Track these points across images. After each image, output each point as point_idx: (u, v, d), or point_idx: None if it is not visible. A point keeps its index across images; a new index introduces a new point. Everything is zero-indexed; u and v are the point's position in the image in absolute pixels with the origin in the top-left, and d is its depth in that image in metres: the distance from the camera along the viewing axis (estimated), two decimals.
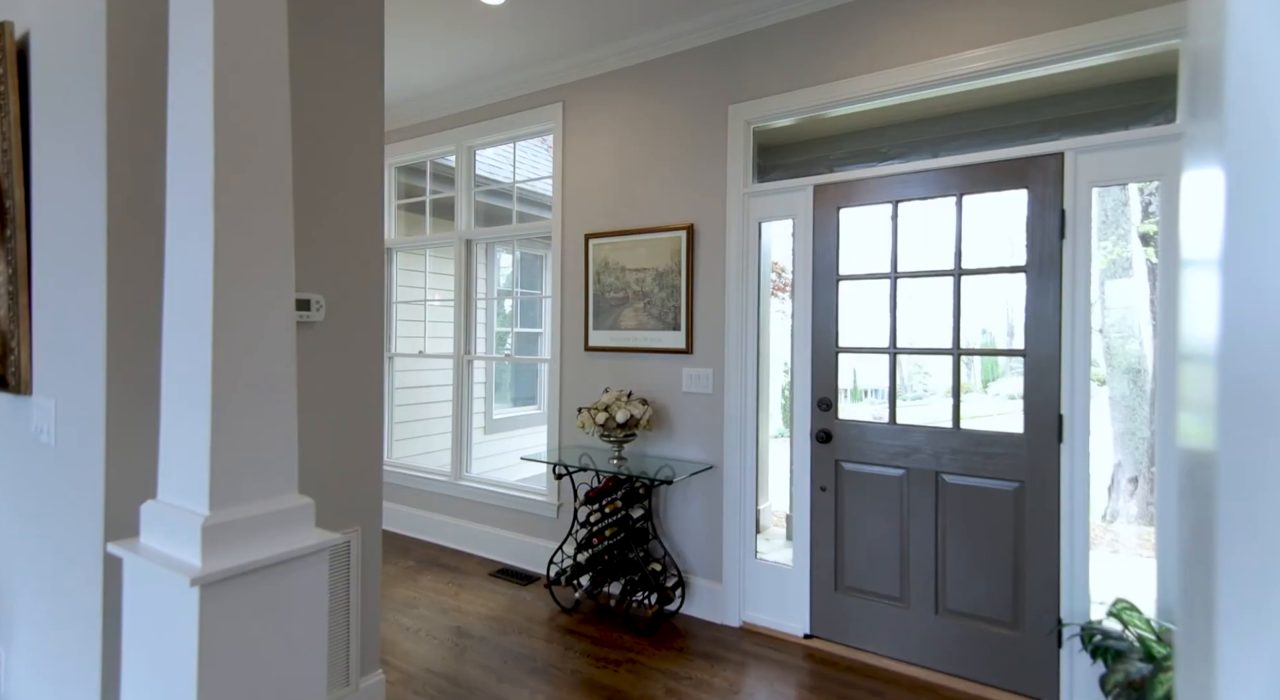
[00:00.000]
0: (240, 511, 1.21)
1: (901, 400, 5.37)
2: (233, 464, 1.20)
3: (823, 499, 2.71)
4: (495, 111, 3.74)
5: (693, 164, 3.03)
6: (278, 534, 1.26)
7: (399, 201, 4.46)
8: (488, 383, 5.93)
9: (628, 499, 2.96)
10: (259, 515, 1.23)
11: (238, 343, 1.21)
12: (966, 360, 2.47)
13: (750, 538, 2.89)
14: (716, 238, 2.96)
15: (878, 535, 2.58)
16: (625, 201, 3.24)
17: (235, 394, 1.20)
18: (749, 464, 2.89)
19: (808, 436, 2.74)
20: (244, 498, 1.22)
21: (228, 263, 1.19)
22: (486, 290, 5.63)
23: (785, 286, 5.70)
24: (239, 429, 1.21)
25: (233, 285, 1.20)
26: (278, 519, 1.26)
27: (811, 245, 2.74)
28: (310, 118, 1.91)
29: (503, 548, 3.69)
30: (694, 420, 3.02)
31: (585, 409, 2.96)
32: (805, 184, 2.75)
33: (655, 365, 3.14)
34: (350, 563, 2.06)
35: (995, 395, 10.30)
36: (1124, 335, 6.18)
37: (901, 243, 2.59)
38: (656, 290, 3.12)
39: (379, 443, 2.15)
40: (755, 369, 2.90)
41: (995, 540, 2.35)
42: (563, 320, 3.47)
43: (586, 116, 3.37)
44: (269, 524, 1.24)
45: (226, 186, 1.20)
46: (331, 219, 1.98)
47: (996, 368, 9.71)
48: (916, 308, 2.77)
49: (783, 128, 2.97)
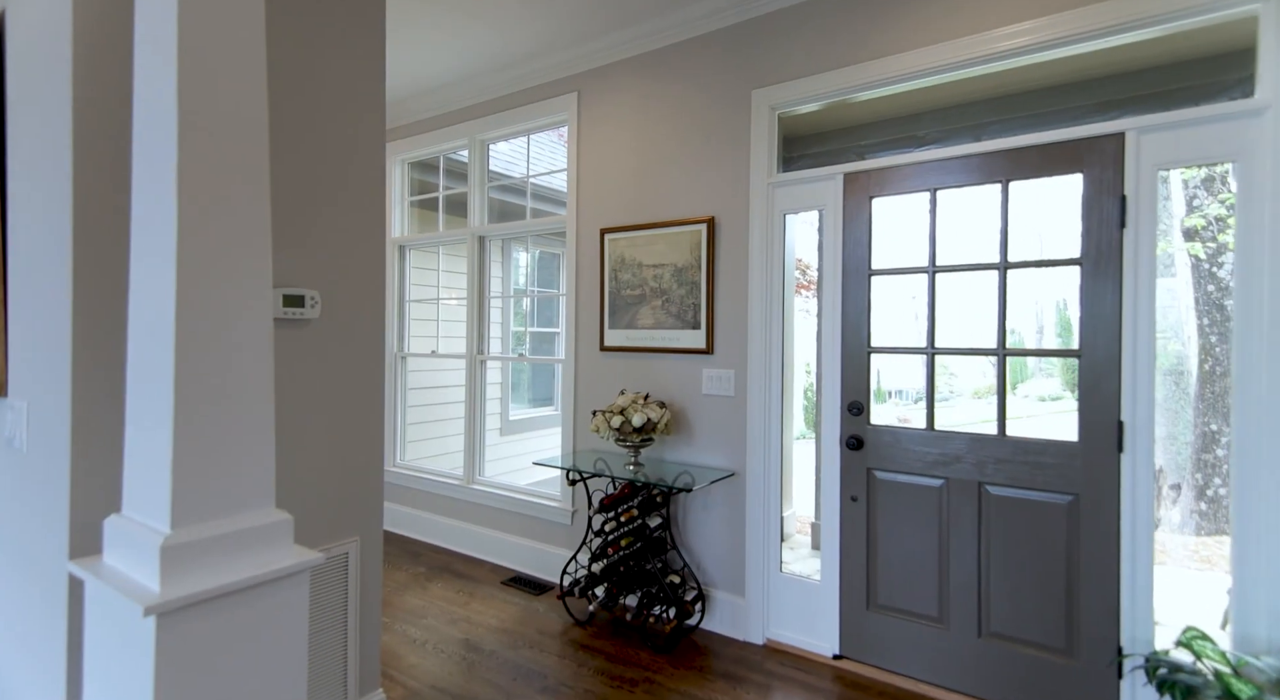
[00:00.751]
0: (207, 529, 1.08)
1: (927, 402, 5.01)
2: (199, 477, 1.07)
3: (853, 510, 2.52)
4: (508, 103, 3.61)
5: (714, 154, 2.87)
6: (250, 554, 1.12)
7: (411, 198, 4.36)
8: (504, 383, 5.83)
9: (644, 507, 2.81)
10: (229, 533, 1.10)
11: (205, 344, 1.08)
12: (994, 361, 2.30)
13: (775, 549, 2.72)
14: (739, 231, 2.80)
15: (914, 550, 2.39)
16: (642, 194, 3.09)
17: (202, 400, 1.07)
18: (773, 471, 2.72)
19: (837, 443, 2.56)
20: (212, 514, 1.09)
21: (193, 256, 1.06)
22: (503, 289, 5.52)
23: (809, 284, 5.50)
24: (206, 438, 1.08)
25: (199, 280, 1.07)
26: (250, 537, 1.13)
27: (841, 238, 2.56)
28: (304, 101, 1.79)
29: (515, 555, 3.56)
30: (715, 424, 2.86)
31: (600, 412, 2.82)
32: (834, 172, 2.57)
33: (674, 366, 2.98)
34: (348, 575, 1.94)
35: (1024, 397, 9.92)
36: (1165, 335, 5.87)
37: (939, 234, 2.40)
38: (675, 287, 2.96)
39: (379, 447, 2.02)
40: (780, 370, 2.72)
41: (1046, 558, 2.14)
42: (577, 319, 3.33)
43: (602, 106, 3.23)
44: (240, 543, 1.11)
45: (192, 171, 1.07)
46: (328, 209, 1.86)
47: (1025, 368, 9.34)
48: (954, 305, 2.58)
49: (808, 116, 2.79)
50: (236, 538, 1.11)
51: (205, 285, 1.08)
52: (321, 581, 1.86)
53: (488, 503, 3.71)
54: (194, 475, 1.07)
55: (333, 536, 1.90)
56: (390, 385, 4.29)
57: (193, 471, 1.07)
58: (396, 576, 3.44)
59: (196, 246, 1.07)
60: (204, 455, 1.08)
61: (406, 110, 4.07)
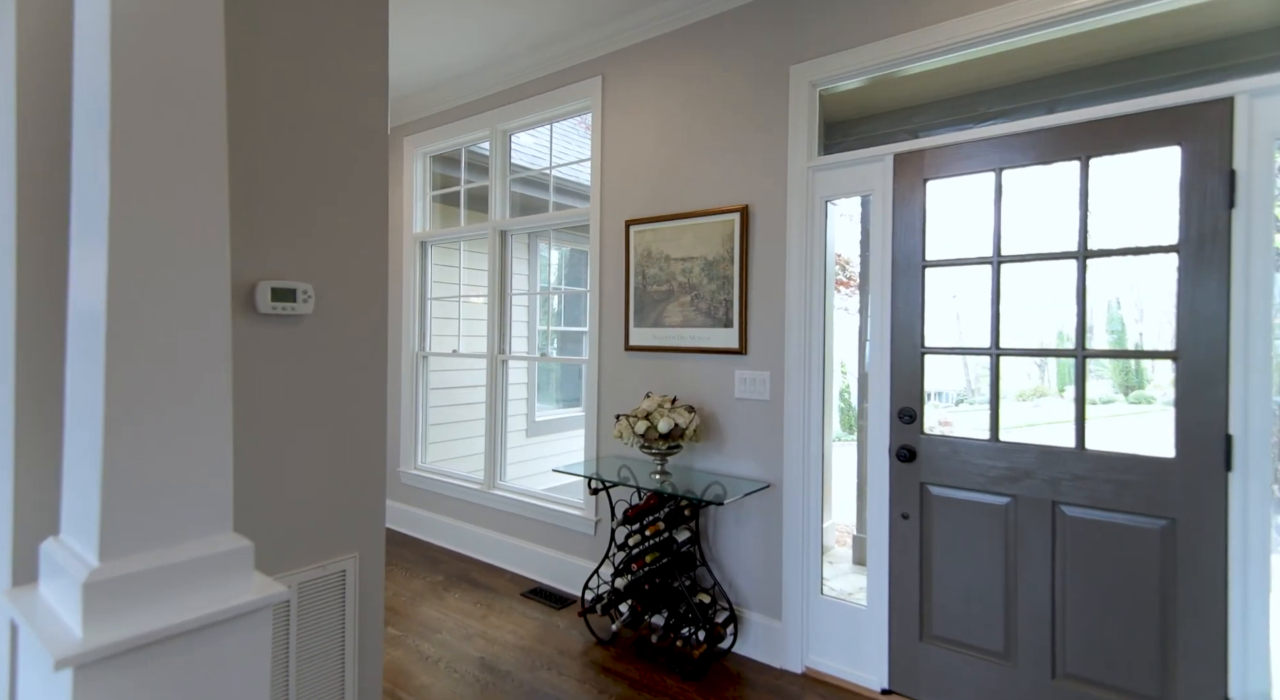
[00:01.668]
0: (144, 560, 0.91)
1: (968, 404, 4.73)
2: (135, 498, 0.91)
3: (905, 528, 2.26)
4: (530, 90, 3.44)
5: (747, 137, 2.64)
6: (199, 589, 0.95)
7: (433, 192, 4.23)
8: (530, 383, 5.68)
9: (671, 519, 2.59)
10: (172, 565, 0.93)
11: (142, 343, 0.91)
12: (1040, 362, 2.04)
13: (815, 570, 2.48)
14: (775, 220, 2.56)
15: (975, 575, 2.12)
16: (671, 183, 2.87)
17: (139, 408, 0.91)
18: (813, 483, 2.47)
19: (885, 454, 2.30)
20: (151, 542, 0.92)
21: (128, 242, 0.90)
22: (529, 286, 5.37)
23: (849, 281, 5.20)
24: (144, 453, 0.91)
25: (135, 270, 0.91)
26: (200, 569, 0.96)
27: (890, 227, 2.30)
28: (296, 79, 1.63)
29: (536, 564, 3.39)
30: (748, 431, 2.62)
31: (624, 416, 2.61)
32: (884, 153, 2.31)
33: (703, 367, 2.76)
34: (346, 593, 1.77)
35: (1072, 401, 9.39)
36: None
37: (1004, 220, 2.12)
38: (705, 282, 2.74)
39: (381, 455, 1.86)
40: (821, 372, 2.48)
41: (1134, 590, 1.86)
42: (601, 317, 3.13)
43: (628, 89, 3.03)
44: (187, 576, 0.94)
45: (128, 143, 0.90)
46: (325, 196, 1.70)
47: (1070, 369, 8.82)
48: (1019, 299, 2.29)
49: (851, 97, 2.54)
50: (181, 570, 0.94)
51: (143, 276, 0.91)
52: (316, 602, 1.70)
53: (508, 509, 3.55)
54: (128, 496, 0.90)
55: (329, 552, 1.73)
56: (411, 385, 4.17)
57: (127, 492, 0.90)
58: (413, 585, 3.30)
59: (133, 232, 0.90)
60: (142, 473, 0.91)
61: (427, 101, 3.94)
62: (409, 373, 4.17)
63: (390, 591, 3.21)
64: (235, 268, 1.52)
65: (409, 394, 4.17)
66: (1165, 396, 4.45)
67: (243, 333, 1.54)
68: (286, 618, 1.64)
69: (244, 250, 1.54)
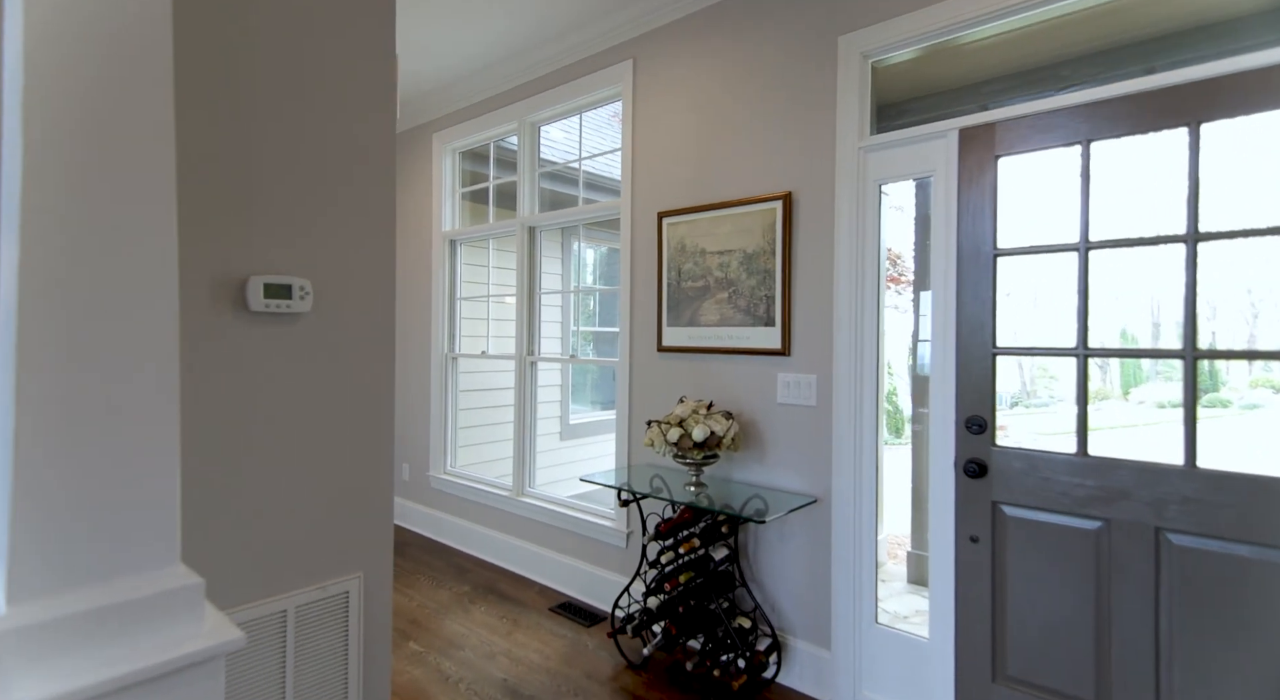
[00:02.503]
0: (63, 604, 0.75)
1: (1024, 408, 4.36)
2: (53, 528, 0.75)
3: (973, 553, 1.99)
4: (559, 78, 3.28)
5: (791, 118, 2.40)
6: (133, 637, 0.80)
7: (462, 189, 4.12)
8: (564, 385, 5.54)
9: (708, 535, 2.38)
10: (100, 609, 0.77)
11: (63, 345, 0.76)
12: (1102, 362, 1.78)
13: (869, 595, 2.22)
14: (822, 207, 2.32)
15: (1059, 610, 1.84)
16: (706, 171, 2.66)
17: (58, 421, 0.76)
18: (866, 499, 2.22)
19: (950, 468, 2.04)
20: (74, 581, 0.77)
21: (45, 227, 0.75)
22: (563, 285, 5.23)
23: (899, 278, 4.87)
24: (65, 475, 0.76)
25: (54, 260, 0.75)
26: (135, 612, 0.80)
27: (955, 212, 2.04)
28: (290, 54, 1.49)
29: (566, 577, 3.22)
30: (792, 439, 2.39)
31: (656, 423, 2.41)
32: (947, 128, 2.05)
33: (742, 369, 2.54)
34: (349, 617, 1.63)
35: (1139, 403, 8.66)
36: None
37: (1093, 200, 1.84)
38: (744, 277, 2.52)
39: (389, 467, 1.71)
40: (875, 375, 2.23)
41: (1261, 635, 1.56)
42: (632, 316, 2.94)
43: (660, 72, 2.83)
44: (118, 622, 0.79)
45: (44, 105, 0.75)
46: (323, 180, 1.55)
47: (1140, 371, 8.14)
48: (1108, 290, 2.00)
49: (905, 72, 2.28)
50: (111, 615, 0.78)
51: (63, 268, 0.76)
52: (316, 627, 1.56)
53: (537, 518, 3.39)
54: (44, 525, 0.75)
55: (330, 573, 1.59)
56: (441, 388, 4.06)
57: (42, 520, 0.75)
58: (439, 596, 3.17)
59: (52, 213, 0.75)
60: (61, 497, 0.76)
61: (454, 95, 3.83)
62: (439, 375, 4.07)
63: (415, 602, 3.09)
64: (223, 261, 1.39)
65: (439, 396, 4.07)
66: (1242, 399, 4.02)
67: (232, 333, 1.40)
68: (281, 645, 1.50)
69: (233, 241, 1.40)
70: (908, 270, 4.49)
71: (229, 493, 1.41)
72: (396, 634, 2.75)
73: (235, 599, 1.42)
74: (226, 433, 1.39)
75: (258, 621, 1.45)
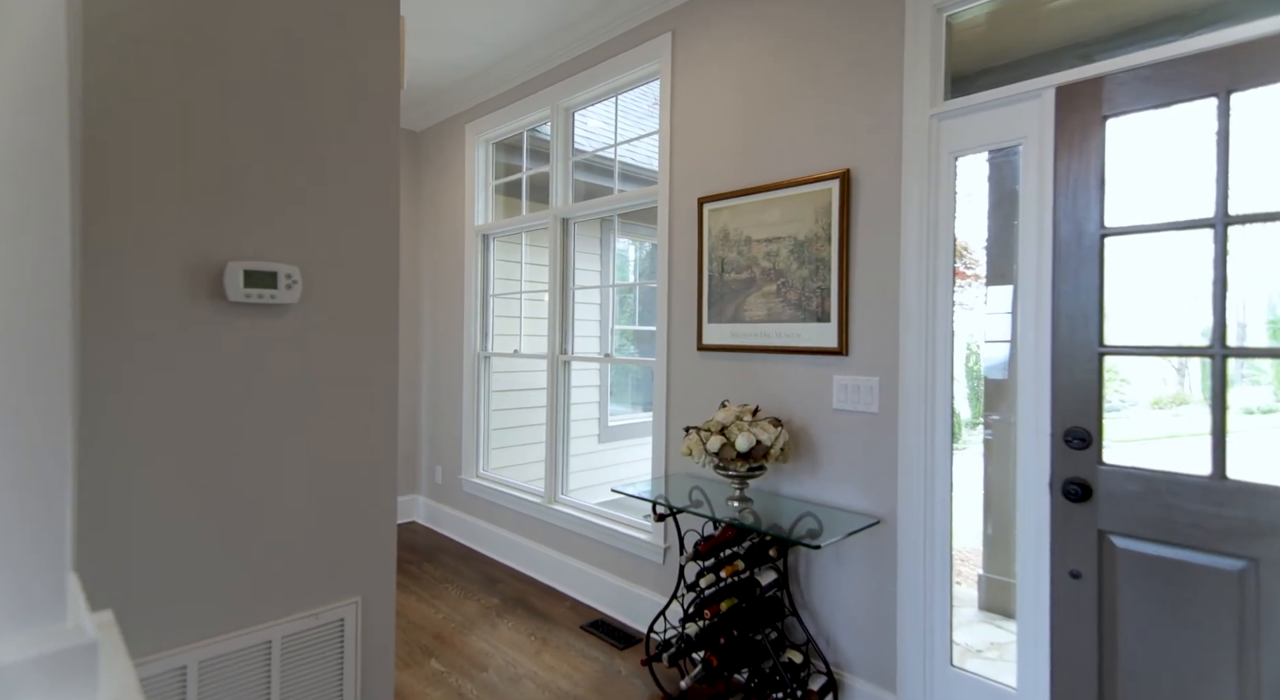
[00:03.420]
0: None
1: (1107, 412, 3.81)
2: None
3: (1074, 591, 1.67)
4: (594, 58, 3.07)
5: (849, 84, 2.12)
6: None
7: (495, 182, 3.97)
8: (602, 385, 5.34)
9: (753, 557, 2.12)
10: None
11: None
12: (1180, 364, 1.46)
13: (942, 632, 1.92)
14: (885, 185, 2.03)
15: (1188, 667, 1.50)
16: (752, 150, 2.40)
17: None
18: (939, 521, 1.92)
19: (1044, 488, 1.72)
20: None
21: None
22: (601, 281, 5.03)
23: (963, 272, 4.46)
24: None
25: None
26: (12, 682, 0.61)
27: (1051, 185, 1.72)
28: (277, 12, 1.32)
29: (599, 592, 3.01)
30: (850, 451, 2.11)
31: (694, 429, 2.17)
32: (1041, 87, 1.74)
33: (792, 370, 2.27)
34: (345, 648, 1.45)
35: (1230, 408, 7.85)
36: None
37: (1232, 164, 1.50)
38: (795, 267, 2.25)
39: (391, 479, 1.52)
40: (949, 379, 1.92)
41: None
42: (670, 313, 2.70)
43: (701, 43, 2.58)
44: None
45: None
46: (314, 156, 1.38)
47: None
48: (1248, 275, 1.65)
49: (980, 34, 1.97)
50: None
51: None
52: (306, 658, 1.38)
53: (570, 527, 3.19)
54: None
55: (323, 597, 1.41)
56: (473, 388, 3.92)
57: None
58: (467, 608, 3.01)
59: None
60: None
61: (487, 82, 3.67)
62: (471, 374, 3.92)
63: (441, 614, 2.93)
64: (196, 244, 1.22)
65: (470, 397, 3.92)
66: None
67: (207, 327, 1.24)
68: (266, 682, 1.32)
69: (207, 221, 1.23)
70: (975, 263, 4.10)
71: (203, 508, 1.24)
72: (419, 650, 2.59)
73: (210, 629, 1.25)
74: (199, 440, 1.23)
75: (237, 655, 1.28)
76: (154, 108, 1.16)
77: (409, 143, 4.37)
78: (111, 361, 1.12)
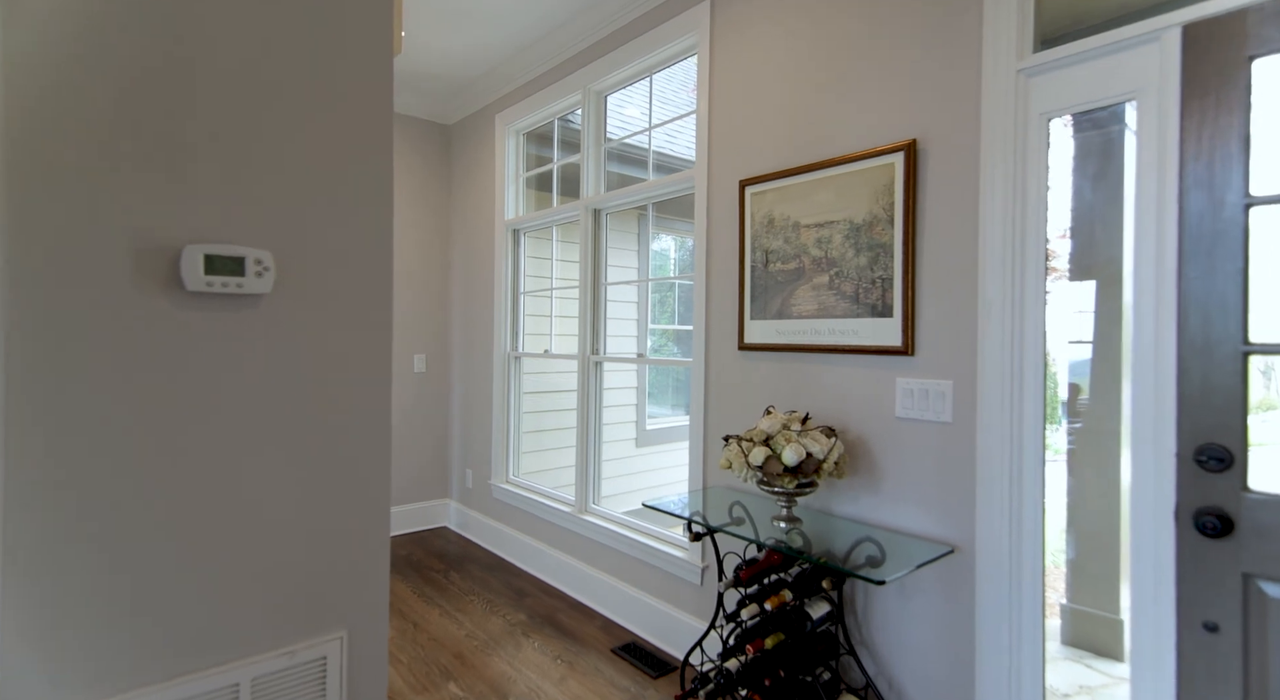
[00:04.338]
0: None
1: None
2: None
3: (1209, 647, 1.35)
4: (626, 35, 2.85)
5: (916, 41, 1.83)
6: None
7: (525, 173, 3.80)
8: (639, 387, 5.12)
9: (803, 585, 1.86)
10: None
11: None
12: (1264, 367, 1.14)
13: (1034, 680, 1.62)
14: (960, 157, 1.74)
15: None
16: (800, 123, 2.13)
17: None
18: (1029, 552, 1.62)
19: (1169, 519, 1.40)
20: None
21: None
22: (638, 277, 4.81)
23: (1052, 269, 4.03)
24: None
25: None
26: None
27: (1177, 146, 1.40)
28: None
29: (632, 611, 2.78)
30: (917, 466, 1.82)
31: (735, 439, 1.92)
32: (1163, 26, 1.42)
33: (848, 372, 1.99)
34: (327, 691, 1.26)
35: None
36: None
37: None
38: (850, 255, 1.97)
39: (384, 496, 1.33)
40: (1041, 383, 1.62)
41: None
42: (708, 308, 2.46)
43: (743, 9, 2.33)
44: None
45: None
46: (290, 122, 1.20)
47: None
48: None
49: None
50: None
51: None
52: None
53: (601, 539, 2.98)
54: None
55: (302, 632, 1.23)
56: (504, 390, 3.76)
57: None
58: (491, 625, 2.83)
59: None
60: None
61: (517, 69, 3.50)
62: (501, 375, 3.76)
63: (464, 631, 2.76)
64: (146, 223, 1.05)
65: (500, 399, 3.76)
66: None
67: (161, 320, 1.06)
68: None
69: (157, 198, 1.06)
70: (1053, 254, 3.69)
71: (159, 530, 1.06)
72: (437, 671, 2.42)
73: (167, 671, 1.08)
74: (151, 451, 1.05)
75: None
76: (84, 57, 0.99)
77: (439, 137, 4.25)
78: (35, 366, 0.96)
